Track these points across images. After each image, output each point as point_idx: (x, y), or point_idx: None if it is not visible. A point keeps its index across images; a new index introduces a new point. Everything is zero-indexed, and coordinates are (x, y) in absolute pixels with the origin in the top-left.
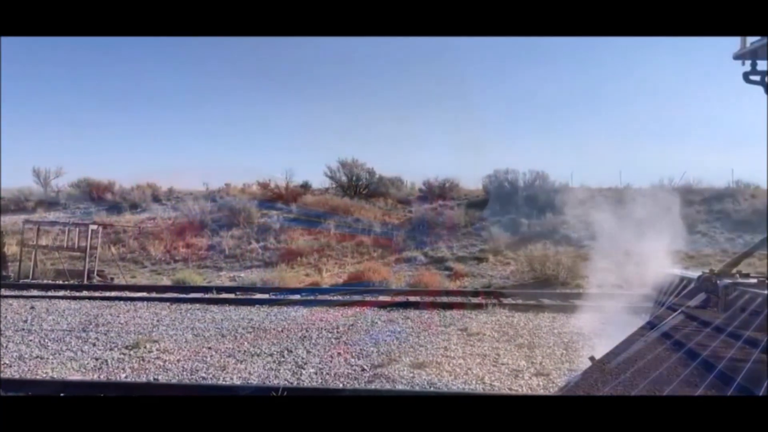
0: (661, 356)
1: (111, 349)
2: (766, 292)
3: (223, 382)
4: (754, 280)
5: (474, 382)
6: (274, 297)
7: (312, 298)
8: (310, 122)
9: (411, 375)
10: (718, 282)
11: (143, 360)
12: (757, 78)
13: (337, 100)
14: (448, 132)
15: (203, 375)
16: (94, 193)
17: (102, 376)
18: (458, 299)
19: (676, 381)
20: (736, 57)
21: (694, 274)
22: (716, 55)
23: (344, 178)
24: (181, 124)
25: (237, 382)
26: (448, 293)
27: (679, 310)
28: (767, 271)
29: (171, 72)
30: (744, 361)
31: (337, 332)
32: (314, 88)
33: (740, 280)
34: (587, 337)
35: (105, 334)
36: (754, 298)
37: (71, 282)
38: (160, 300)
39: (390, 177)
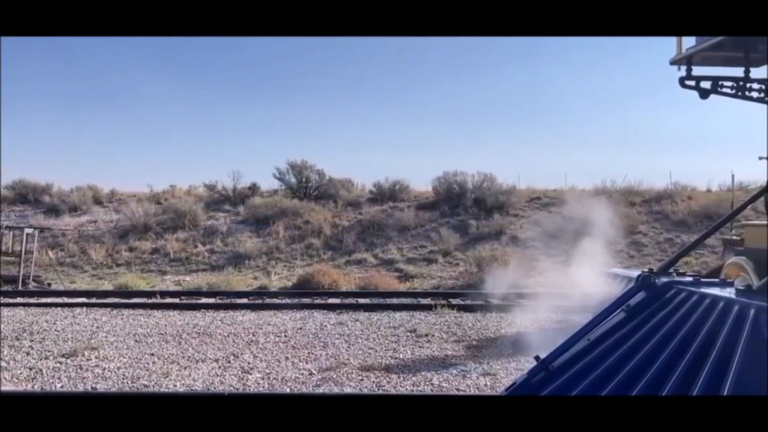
0: (601, 355)
1: (46, 358)
2: (699, 290)
3: (166, 389)
4: (690, 279)
5: (422, 383)
6: (220, 301)
7: (260, 301)
8: (259, 123)
9: (360, 378)
10: (656, 281)
11: (81, 368)
12: (692, 83)
13: (286, 101)
14: (399, 134)
15: (145, 383)
16: (30, 196)
17: (36, 386)
18: (408, 300)
19: (614, 381)
20: (673, 62)
21: (634, 273)
22: (655, 60)
23: (293, 180)
24: (124, 125)
25: (180, 388)
26: (397, 295)
27: (619, 309)
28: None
29: (111, 70)
30: (679, 362)
31: (285, 336)
32: (262, 88)
33: (677, 279)
34: (533, 336)
35: (40, 343)
36: (689, 296)
37: (4, 288)
38: (101, 306)
39: (340, 179)
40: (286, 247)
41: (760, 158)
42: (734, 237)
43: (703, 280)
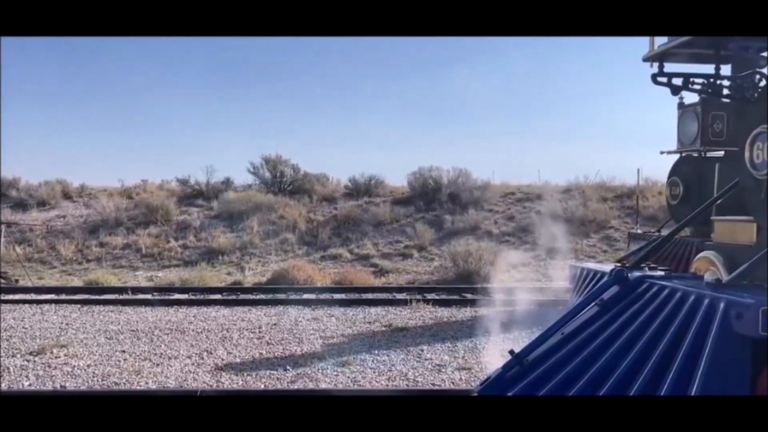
0: (575, 349)
1: (13, 356)
2: (670, 284)
3: (138, 387)
4: (661, 273)
5: (398, 378)
6: (193, 297)
7: (234, 297)
8: (232, 117)
9: (335, 373)
10: (629, 275)
11: (49, 366)
12: (664, 80)
13: (260, 95)
14: (374, 129)
15: (115, 380)
16: None
17: (3, 386)
18: (383, 296)
19: (588, 374)
20: (645, 59)
21: (607, 267)
22: (627, 58)
23: (268, 175)
24: (94, 118)
25: (152, 386)
26: (373, 290)
27: (593, 303)
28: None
29: (80, 64)
30: (651, 354)
31: (260, 332)
32: (236, 82)
33: (648, 273)
34: (508, 330)
35: (7, 340)
36: (660, 290)
37: None
38: (70, 302)
39: (315, 173)
40: (261, 242)
41: (662, 152)
42: (638, 231)
43: (674, 274)
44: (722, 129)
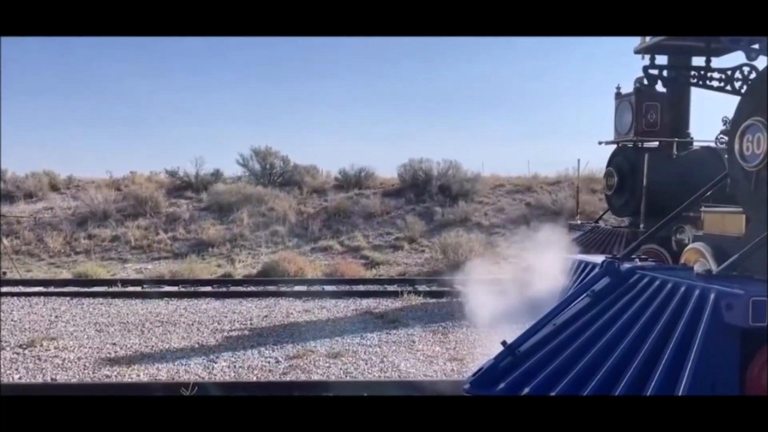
0: (567, 340)
1: (2, 349)
2: (661, 275)
3: (129, 380)
4: (652, 264)
5: (390, 369)
6: (183, 289)
7: (224, 289)
8: (221, 109)
9: (327, 365)
10: (620, 266)
11: (39, 359)
12: (655, 72)
13: (250, 88)
14: (364, 121)
15: (107, 373)
16: None
17: None
18: (374, 287)
19: (579, 365)
20: (637, 51)
21: (598, 259)
22: (619, 54)
23: (257, 167)
24: (82, 109)
25: (144, 379)
26: (364, 282)
27: (584, 295)
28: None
29: (67, 55)
30: (643, 344)
31: (251, 324)
32: (225, 74)
33: (639, 264)
34: (499, 321)
35: None
36: (651, 281)
37: None
38: (59, 294)
39: (305, 165)
40: (251, 234)
41: (600, 143)
42: (577, 222)
43: (664, 265)
44: (656, 119)
